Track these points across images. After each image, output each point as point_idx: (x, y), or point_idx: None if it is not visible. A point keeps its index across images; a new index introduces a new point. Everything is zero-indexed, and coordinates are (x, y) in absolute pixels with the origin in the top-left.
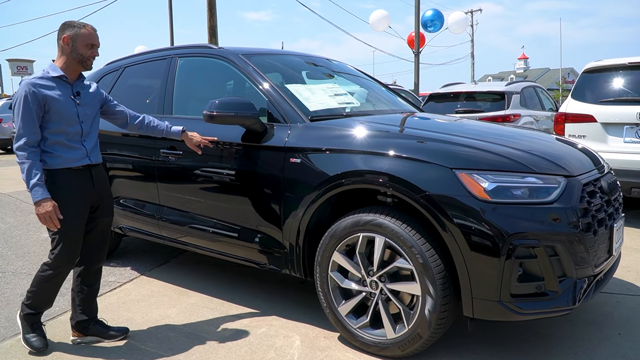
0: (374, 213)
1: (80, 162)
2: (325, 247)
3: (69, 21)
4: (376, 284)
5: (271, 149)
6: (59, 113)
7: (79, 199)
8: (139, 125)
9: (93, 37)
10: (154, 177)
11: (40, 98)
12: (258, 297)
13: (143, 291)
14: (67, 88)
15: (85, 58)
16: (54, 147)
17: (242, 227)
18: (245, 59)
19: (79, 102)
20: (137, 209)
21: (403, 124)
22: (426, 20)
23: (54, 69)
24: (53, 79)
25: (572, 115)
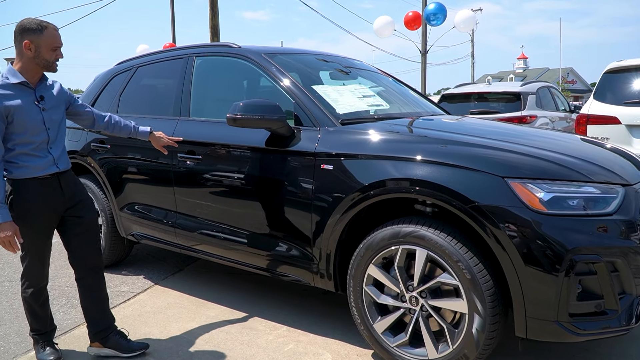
0: (415, 224)
1: (47, 171)
2: (359, 259)
3: (27, 22)
4: (416, 300)
5: (299, 154)
6: (23, 123)
7: (44, 211)
8: (105, 125)
9: (56, 38)
10: (170, 183)
11: (2, 110)
12: (281, 309)
13: (159, 302)
14: (30, 94)
15: (51, 62)
16: (18, 157)
17: (267, 236)
18: (269, 59)
19: (43, 107)
20: (151, 216)
21: (441, 128)
22: (429, 13)
23: (13, 74)
24: (13, 86)
25: (595, 117)
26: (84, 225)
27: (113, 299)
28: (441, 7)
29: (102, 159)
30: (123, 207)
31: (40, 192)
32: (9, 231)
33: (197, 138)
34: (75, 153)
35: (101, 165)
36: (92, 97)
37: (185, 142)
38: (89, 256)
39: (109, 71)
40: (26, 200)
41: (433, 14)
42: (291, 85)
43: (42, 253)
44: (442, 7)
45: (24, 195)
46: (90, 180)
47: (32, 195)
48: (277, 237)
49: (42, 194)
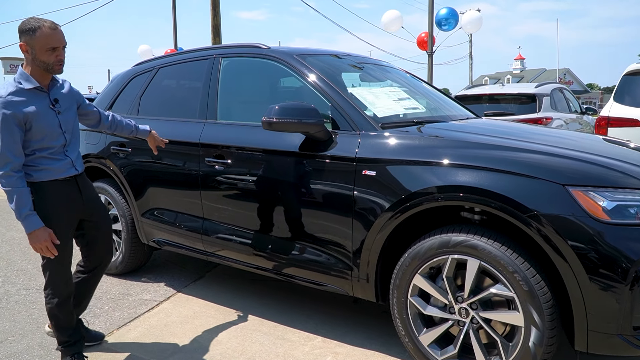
0: (465, 233)
1: (66, 173)
2: (405, 269)
3: (23, 23)
4: (466, 312)
5: (338, 160)
6: (41, 129)
7: (67, 213)
8: (109, 124)
9: (52, 39)
10: (196, 188)
11: (21, 117)
12: (311, 317)
13: (184, 311)
14: (44, 98)
15: (51, 65)
16: (37, 161)
17: (302, 244)
18: (301, 60)
19: (59, 110)
20: (175, 222)
21: (487, 132)
22: (440, 18)
23: (26, 78)
24: (28, 91)
25: (615, 119)
26: (102, 230)
27: (136, 308)
28: (453, 12)
29: (122, 162)
30: (145, 212)
31: (62, 193)
32: (46, 235)
33: (226, 142)
34: (93, 156)
35: (122, 169)
36: (110, 99)
37: (213, 146)
38: (106, 259)
39: (127, 72)
40: (49, 203)
41: (445, 18)
42: (327, 87)
43: (66, 257)
44: (453, 12)
45: (46, 198)
46: (109, 185)
47: (55, 197)
48: (313, 245)
49: (64, 196)
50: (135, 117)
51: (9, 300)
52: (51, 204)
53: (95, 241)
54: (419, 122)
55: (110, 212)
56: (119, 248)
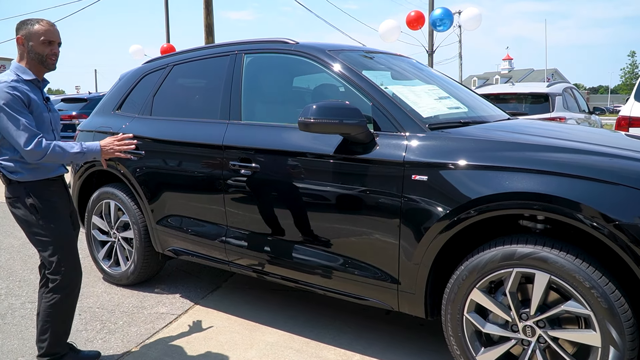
0: (533, 244)
1: (57, 172)
2: (461, 283)
3: (23, 20)
4: (532, 330)
5: (383, 164)
6: (39, 119)
7: (63, 209)
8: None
9: (49, 32)
10: (219, 194)
11: (25, 100)
12: (344, 332)
13: (205, 325)
14: (39, 93)
15: (45, 57)
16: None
17: (341, 256)
18: (334, 56)
19: (49, 107)
20: (195, 230)
21: (543, 133)
22: (435, 19)
23: (23, 71)
24: (26, 82)
25: (637, 119)
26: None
27: (153, 322)
28: (447, 12)
29: (135, 166)
30: (160, 219)
31: (56, 190)
32: (112, 141)
33: (254, 144)
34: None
35: (134, 174)
36: (119, 98)
37: (238, 148)
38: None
39: (137, 70)
40: (48, 197)
41: (440, 19)
42: (366, 85)
43: (75, 244)
44: (448, 12)
45: (44, 193)
46: (120, 190)
47: (51, 192)
48: (354, 257)
49: (58, 193)
50: (147, 117)
51: (14, 315)
52: (50, 199)
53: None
54: (465, 122)
55: (121, 219)
56: (131, 257)
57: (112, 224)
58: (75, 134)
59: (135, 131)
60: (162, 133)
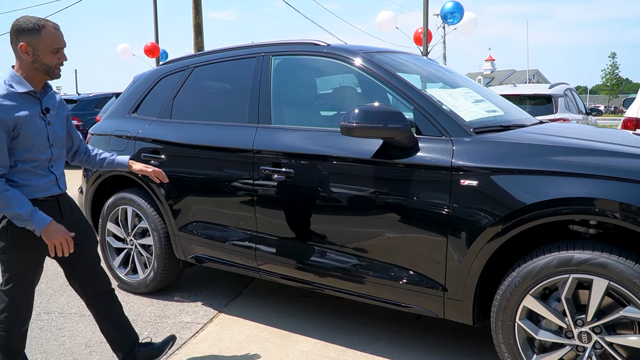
0: (591, 250)
1: (48, 192)
2: (513, 289)
3: (23, 21)
4: (588, 336)
5: (430, 169)
6: (30, 138)
7: (41, 239)
8: (87, 156)
9: (57, 39)
10: (249, 200)
11: (10, 123)
12: (379, 339)
13: (235, 335)
14: (36, 105)
15: (52, 67)
16: (18, 175)
17: (383, 263)
18: (370, 58)
19: (49, 120)
20: (221, 236)
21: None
22: (446, 12)
23: (18, 81)
24: (19, 95)
25: None
26: (89, 253)
27: (179, 332)
28: (458, 5)
29: None
30: (183, 226)
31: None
32: (61, 230)
33: (288, 149)
34: None
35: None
36: (135, 101)
37: (269, 152)
38: (99, 281)
39: (154, 72)
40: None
41: (450, 12)
42: (407, 88)
43: (32, 288)
44: (459, 5)
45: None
46: (138, 195)
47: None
48: (397, 263)
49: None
50: (168, 120)
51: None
52: (24, 228)
53: (83, 264)
54: (506, 126)
55: (139, 226)
56: (150, 265)
57: (128, 231)
58: (87, 138)
59: (155, 135)
60: (185, 137)
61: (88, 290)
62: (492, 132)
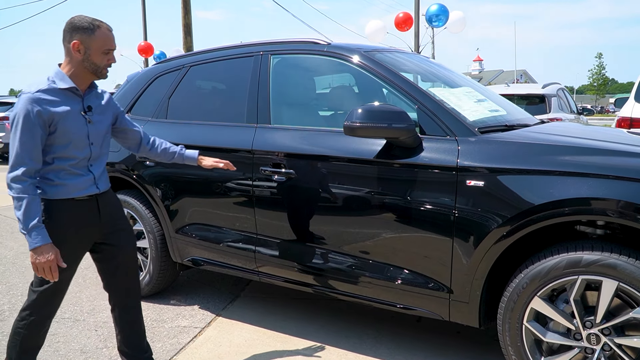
0: (600, 251)
1: (85, 192)
2: (521, 291)
3: (78, 20)
4: (597, 338)
5: (435, 169)
6: (67, 135)
7: (78, 239)
8: (150, 147)
9: (110, 40)
10: (249, 201)
11: (46, 117)
12: (381, 342)
13: (234, 339)
14: (78, 102)
15: (101, 68)
16: (55, 174)
17: (387, 265)
18: (371, 57)
19: (90, 119)
20: (219, 239)
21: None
22: (431, 15)
23: (61, 77)
24: (61, 91)
25: (639, 120)
26: (127, 255)
27: (177, 337)
28: (443, 8)
29: (152, 173)
30: (180, 228)
31: (74, 216)
32: (50, 254)
33: (289, 149)
34: (114, 165)
35: (151, 181)
36: (128, 101)
37: (269, 153)
38: (132, 287)
39: (149, 71)
40: (59, 226)
41: (435, 15)
42: (410, 88)
43: (65, 286)
44: (444, 8)
45: (56, 219)
46: (133, 197)
47: (66, 219)
48: (402, 266)
49: (78, 219)
50: (163, 121)
51: None
52: (61, 228)
53: (120, 267)
54: (510, 126)
55: (135, 228)
56: (145, 268)
57: None
58: None
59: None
60: (182, 137)
61: (121, 295)
62: (497, 131)
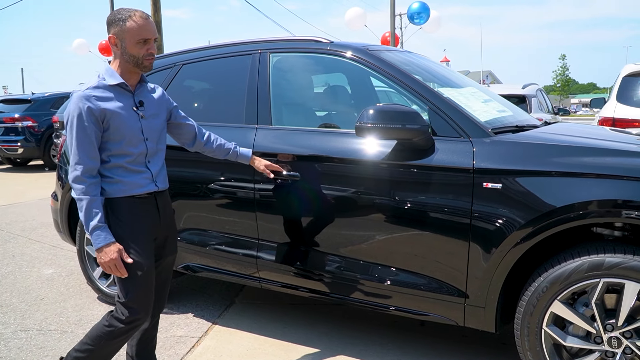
0: (622, 254)
1: (145, 189)
2: (540, 295)
3: (114, 13)
4: (618, 341)
5: (450, 170)
6: (120, 131)
7: (144, 235)
8: (205, 142)
9: (144, 29)
10: (250, 205)
11: (97, 114)
12: (387, 348)
13: (235, 348)
14: (129, 98)
15: (141, 59)
16: (113, 171)
17: (401, 270)
18: (377, 55)
19: (142, 114)
20: (217, 245)
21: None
22: (413, 12)
23: (111, 74)
24: (111, 87)
25: (621, 120)
26: (169, 265)
27: (175, 347)
28: (425, 6)
29: None
30: None
31: (137, 212)
32: (114, 253)
33: (293, 151)
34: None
35: None
36: None
37: (273, 155)
38: (163, 299)
39: None
40: (121, 222)
41: (417, 12)
42: (420, 88)
43: (149, 282)
44: (425, 6)
45: (119, 217)
46: None
47: (130, 216)
48: (413, 270)
49: (141, 215)
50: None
51: (9, 345)
52: (125, 225)
53: (158, 277)
54: (520, 127)
55: None
56: None
57: None
58: (62, 140)
59: None
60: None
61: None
62: (508, 132)
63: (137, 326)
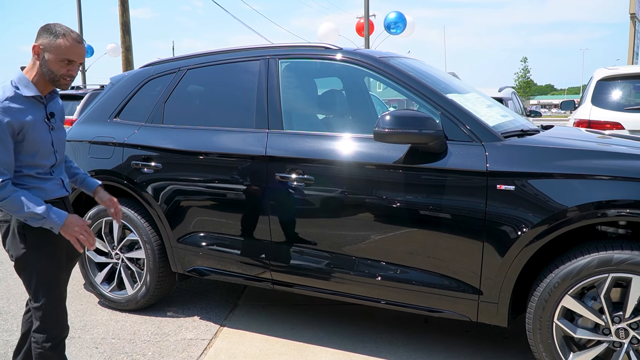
0: (630, 250)
1: (58, 194)
2: (552, 290)
3: (50, 25)
4: (626, 332)
5: (464, 174)
6: (34, 144)
7: (58, 243)
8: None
9: (73, 51)
10: (263, 209)
11: (16, 127)
12: (397, 345)
13: (248, 349)
14: (41, 110)
15: (58, 77)
16: (25, 180)
17: (416, 269)
18: (387, 62)
19: (52, 126)
20: (228, 248)
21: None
22: (390, 22)
23: (26, 84)
24: (26, 99)
25: (597, 123)
26: (72, 266)
27: (187, 350)
28: (401, 16)
29: (150, 180)
30: (182, 237)
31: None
32: (78, 220)
33: (307, 155)
34: (107, 173)
35: (149, 188)
36: (117, 105)
37: (286, 159)
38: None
39: (138, 73)
40: (36, 230)
41: (394, 22)
42: (432, 94)
43: (64, 288)
44: (402, 16)
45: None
46: (127, 206)
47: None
48: (430, 269)
49: None
50: (160, 126)
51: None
52: (41, 234)
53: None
54: (525, 131)
55: (128, 238)
56: (141, 279)
57: (114, 244)
58: None
59: (146, 141)
60: (184, 143)
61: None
62: (515, 136)
63: (56, 344)
